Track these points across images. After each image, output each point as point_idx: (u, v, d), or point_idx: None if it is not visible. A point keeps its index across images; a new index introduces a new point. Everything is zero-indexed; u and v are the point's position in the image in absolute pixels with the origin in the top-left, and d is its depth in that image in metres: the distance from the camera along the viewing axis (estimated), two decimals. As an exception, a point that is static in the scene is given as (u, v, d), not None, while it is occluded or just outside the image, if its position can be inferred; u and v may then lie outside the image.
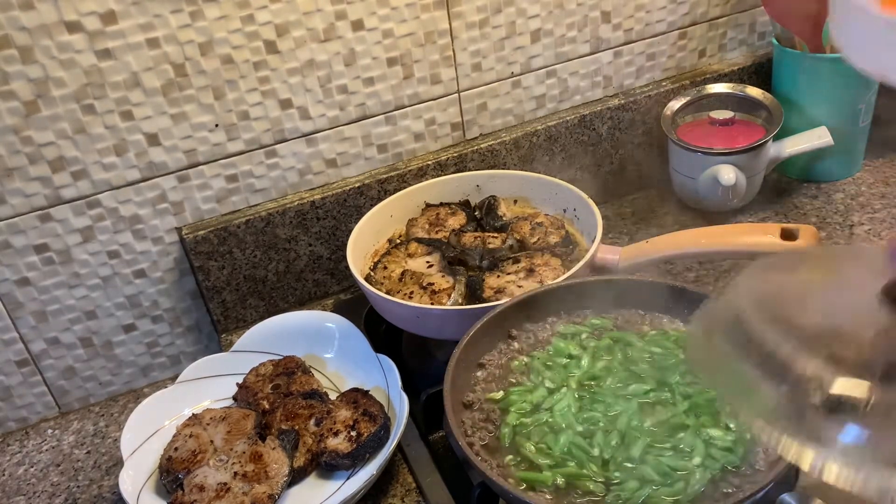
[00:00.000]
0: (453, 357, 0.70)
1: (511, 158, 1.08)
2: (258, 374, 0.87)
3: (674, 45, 1.14)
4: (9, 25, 0.78)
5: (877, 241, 1.00)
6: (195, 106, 0.90)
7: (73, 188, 0.88)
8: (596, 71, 1.11)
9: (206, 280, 0.97)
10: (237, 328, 1.01)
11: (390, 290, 0.88)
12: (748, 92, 1.10)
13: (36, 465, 0.90)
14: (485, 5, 0.99)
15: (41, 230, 0.88)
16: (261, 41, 0.89)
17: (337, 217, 1.01)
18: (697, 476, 0.60)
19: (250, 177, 0.96)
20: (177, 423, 0.82)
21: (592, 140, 1.12)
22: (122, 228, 0.92)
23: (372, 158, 1.02)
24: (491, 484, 0.60)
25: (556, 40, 1.06)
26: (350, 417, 0.79)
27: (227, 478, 0.74)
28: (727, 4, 1.15)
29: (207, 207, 0.96)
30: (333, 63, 0.94)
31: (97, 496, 0.85)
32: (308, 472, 0.78)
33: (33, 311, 0.91)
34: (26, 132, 0.83)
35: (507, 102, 1.07)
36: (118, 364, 0.99)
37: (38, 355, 0.94)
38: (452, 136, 1.06)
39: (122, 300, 0.95)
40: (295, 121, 0.95)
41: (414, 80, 1.00)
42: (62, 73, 0.82)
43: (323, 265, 1.03)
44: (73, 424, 0.96)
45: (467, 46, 1.01)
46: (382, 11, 0.94)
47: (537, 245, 0.93)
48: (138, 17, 0.83)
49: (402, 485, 0.78)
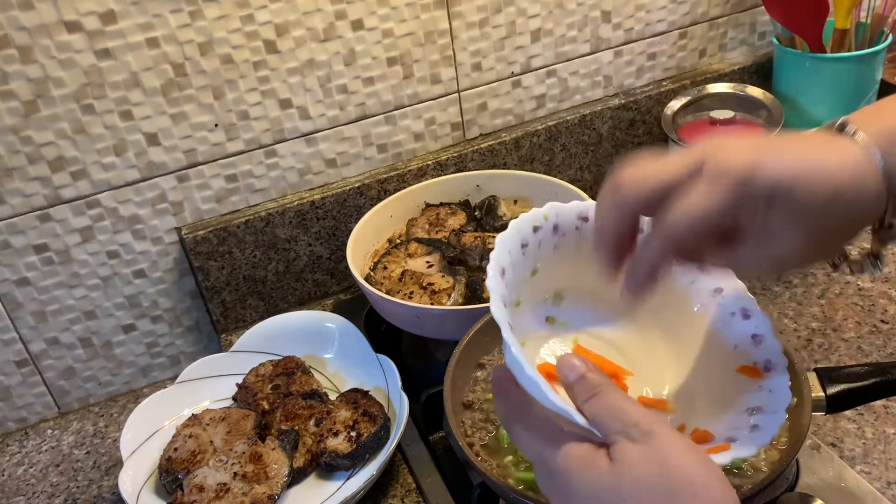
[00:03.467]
0: (453, 357, 0.70)
1: (511, 158, 1.08)
2: (258, 374, 0.87)
3: (674, 45, 1.14)
4: (8, 25, 0.78)
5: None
6: (195, 106, 0.89)
7: (73, 188, 0.88)
8: (596, 71, 1.11)
9: (206, 280, 0.97)
10: (237, 328, 1.01)
11: (390, 290, 0.88)
12: (749, 92, 1.10)
13: (35, 466, 0.90)
14: (485, 5, 0.99)
15: (41, 230, 0.88)
16: (260, 41, 0.89)
17: (337, 217, 1.01)
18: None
19: (250, 177, 0.96)
20: (176, 423, 0.82)
21: (593, 140, 1.12)
22: (121, 228, 0.92)
23: (372, 158, 1.02)
24: (491, 484, 0.60)
25: (557, 40, 1.06)
26: (350, 418, 0.79)
27: (227, 478, 0.74)
28: (728, 4, 1.14)
29: (207, 207, 0.96)
30: (333, 63, 0.94)
31: (97, 496, 0.85)
32: (308, 472, 0.78)
33: (33, 311, 0.91)
34: (26, 132, 0.83)
35: (507, 102, 1.07)
36: (118, 364, 0.99)
37: (38, 355, 0.94)
38: (452, 135, 1.06)
39: (122, 300, 0.95)
40: (295, 121, 0.95)
41: (414, 79, 1.00)
42: (62, 73, 0.82)
43: (323, 265, 1.03)
44: (72, 425, 0.96)
45: (467, 46, 1.00)
46: (382, 11, 0.94)
47: (537, 245, 0.93)
48: (138, 16, 0.83)
49: (402, 485, 0.78)
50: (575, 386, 0.46)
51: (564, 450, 0.44)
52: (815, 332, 0.87)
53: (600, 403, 0.44)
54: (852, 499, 0.67)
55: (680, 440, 0.42)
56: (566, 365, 0.47)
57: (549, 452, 0.45)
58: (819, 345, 0.85)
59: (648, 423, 0.42)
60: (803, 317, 0.89)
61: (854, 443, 0.73)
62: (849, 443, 0.73)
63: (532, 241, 0.55)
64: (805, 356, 0.84)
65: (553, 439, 0.45)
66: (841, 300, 0.91)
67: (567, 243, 0.57)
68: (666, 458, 0.41)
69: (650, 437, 0.42)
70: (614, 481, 0.41)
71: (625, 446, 0.42)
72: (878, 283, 0.93)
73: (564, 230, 0.57)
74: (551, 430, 0.46)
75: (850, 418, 0.76)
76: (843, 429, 0.75)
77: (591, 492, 0.42)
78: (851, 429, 0.75)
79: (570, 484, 0.44)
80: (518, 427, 0.48)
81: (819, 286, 0.94)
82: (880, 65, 1.08)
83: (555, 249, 0.57)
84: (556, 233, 0.56)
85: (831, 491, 0.67)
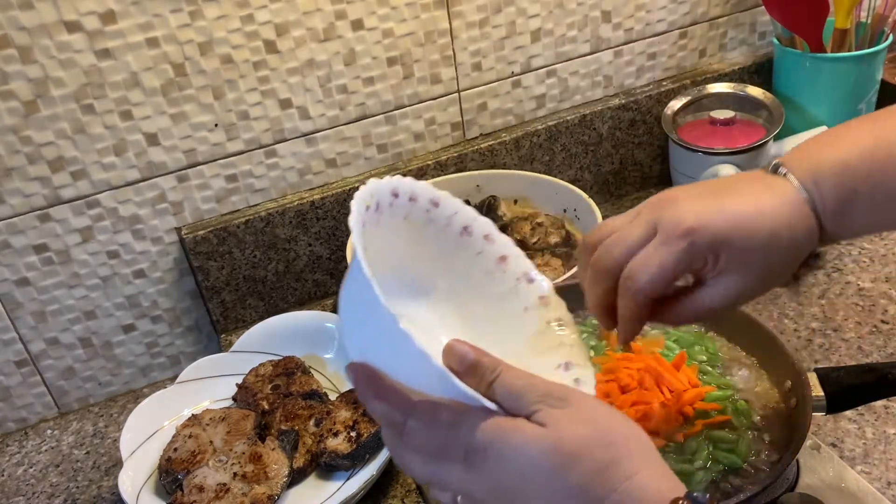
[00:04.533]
0: (453, 357, 0.70)
1: (511, 158, 1.08)
2: (258, 374, 0.87)
3: (674, 45, 1.14)
4: (8, 25, 0.78)
5: (876, 240, 1.00)
6: (195, 106, 0.89)
7: (73, 188, 0.88)
8: (596, 70, 1.10)
9: (206, 280, 0.97)
10: (237, 328, 1.01)
11: (390, 290, 0.88)
12: (749, 92, 1.10)
13: (35, 466, 0.90)
14: (485, 5, 0.99)
15: (40, 230, 0.88)
16: (260, 41, 0.89)
17: (337, 217, 1.00)
18: (699, 477, 0.60)
19: (250, 177, 0.96)
20: (176, 423, 0.82)
21: (593, 140, 1.12)
22: (121, 228, 0.92)
23: (372, 158, 1.02)
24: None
25: (557, 40, 1.06)
26: (350, 418, 0.79)
27: (227, 478, 0.74)
28: (728, 4, 1.14)
29: (207, 207, 0.96)
30: (333, 63, 0.94)
31: (96, 497, 0.85)
32: (308, 472, 0.78)
33: (33, 311, 0.91)
34: (25, 132, 0.83)
35: (507, 102, 1.07)
36: (117, 364, 0.98)
37: (38, 356, 0.94)
38: (452, 135, 1.06)
39: (122, 300, 0.95)
40: (295, 121, 0.95)
41: (414, 79, 0.99)
42: (61, 73, 0.82)
43: (323, 265, 1.03)
44: (72, 425, 0.96)
45: (467, 46, 1.00)
46: (382, 11, 0.94)
47: (537, 245, 0.93)
48: (138, 16, 0.83)
49: (402, 485, 0.78)
50: (473, 371, 0.45)
51: (481, 426, 0.42)
52: (816, 332, 0.87)
53: (506, 383, 0.44)
54: (852, 499, 0.67)
55: (592, 399, 0.45)
56: (457, 352, 0.45)
57: (462, 435, 0.43)
58: (819, 345, 0.85)
59: (560, 391, 0.44)
60: (803, 317, 0.89)
61: (854, 443, 0.73)
62: (849, 443, 0.73)
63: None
64: (805, 356, 0.84)
65: (458, 422, 0.43)
66: (841, 300, 0.91)
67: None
68: (593, 416, 0.43)
69: (568, 401, 0.43)
70: (552, 443, 0.41)
71: (549, 412, 0.42)
72: (879, 283, 0.93)
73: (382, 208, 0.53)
74: (452, 414, 0.43)
75: (850, 418, 0.76)
76: (843, 429, 0.75)
77: (528, 457, 0.41)
78: (852, 429, 0.75)
79: (502, 457, 0.42)
80: (414, 422, 0.44)
81: (819, 286, 0.94)
82: (880, 65, 1.08)
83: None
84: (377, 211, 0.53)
85: (831, 491, 0.67)
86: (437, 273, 0.56)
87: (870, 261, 0.97)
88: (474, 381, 0.44)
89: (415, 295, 0.56)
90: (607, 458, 0.41)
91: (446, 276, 0.56)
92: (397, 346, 0.42)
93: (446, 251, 0.56)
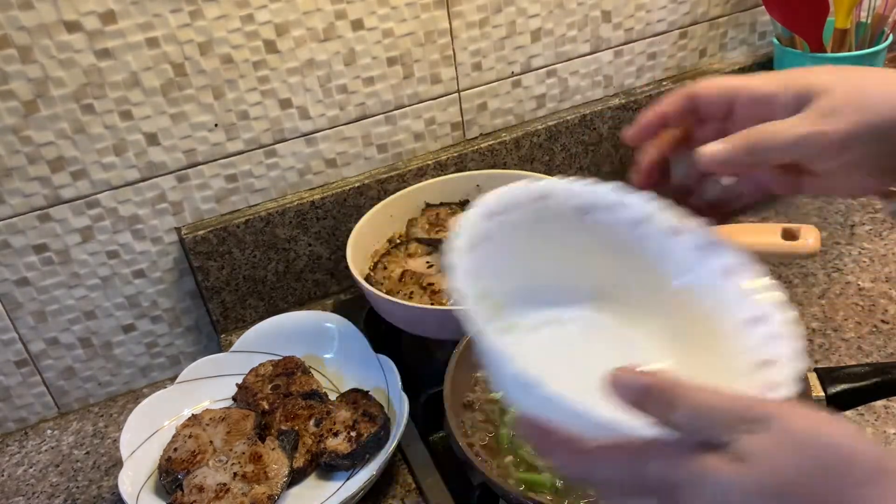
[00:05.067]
0: (453, 357, 0.70)
1: (511, 158, 1.08)
2: (258, 374, 0.87)
3: (674, 45, 1.14)
4: (8, 25, 0.78)
5: (876, 240, 1.00)
6: (194, 106, 0.89)
7: (73, 188, 0.87)
8: (596, 70, 1.10)
9: (206, 280, 0.97)
10: (236, 328, 1.01)
11: (390, 290, 0.88)
12: (749, 91, 1.10)
13: (35, 466, 0.90)
14: (485, 5, 0.99)
15: (40, 230, 0.88)
16: (260, 41, 0.89)
17: (337, 217, 1.01)
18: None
19: (250, 177, 0.96)
20: (176, 423, 0.82)
21: (593, 140, 1.12)
22: (121, 228, 0.92)
23: (372, 158, 1.02)
24: (491, 484, 0.60)
25: (557, 40, 1.06)
26: (350, 418, 0.79)
27: (227, 478, 0.74)
28: (728, 4, 1.14)
29: (207, 207, 0.96)
30: (333, 63, 0.94)
31: (96, 497, 0.85)
32: (308, 472, 0.78)
33: (32, 311, 0.91)
34: (25, 132, 0.83)
35: (507, 102, 1.07)
36: (117, 364, 0.98)
37: (38, 356, 0.94)
38: (452, 135, 1.06)
39: (122, 300, 0.95)
40: (294, 120, 0.95)
41: (414, 79, 0.99)
42: (61, 73, 0.82)
43: (323, 265, 1.03)
44: (72, 425, 0.96)
45: (467, 46, 1.00)
46: (382, 11, 0.94)
47: (537, 245, 0.93)
48: (137, 16, 0.83)
49: (402, 485, 0.78)
50: (647, 402, 0.38)
51: (665, 467, 0.37)
52: (816, 332, 0.87)
53: (688, 406, 0.37)
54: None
55: (799, 410, 0.36)
56: (625, 383, 0.39)
57: (650, 479, 0.37)
58: (819, 345, 0.85)
59: (758, 408, 0.36)
60: (803, 317, 0.89)
61: (854, 443, 0.73)
62: (849, 443, 0.73)
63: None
64: (805, 356, 0.84)
65: (639, 464, 0.37)
66: (841, 300, 0.91)
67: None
68: (802, 438, 0.35)
69: (769, 421, 0.36)
70: (754, 481, 0.35)
71: (749, 441, 0.35)
72: (879, 282, 0.93)
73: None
74: (632, 449, 0.38)
75: (850, 418, 0.76)
76: (843, 429, 0.75)
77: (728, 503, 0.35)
78: (852, 429, 0.75)
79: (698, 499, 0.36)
80: (599, 473, 0.39)
81: (819, 286, 0.94)
82: (880, 65, 1.08)
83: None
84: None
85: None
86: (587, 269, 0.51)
87: (870, 261, 0.97)
88: (653, 410, 0.38)
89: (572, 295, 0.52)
90: (826, 489, 0.34)
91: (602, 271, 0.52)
92: (552, 410, 0.39)
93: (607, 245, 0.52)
